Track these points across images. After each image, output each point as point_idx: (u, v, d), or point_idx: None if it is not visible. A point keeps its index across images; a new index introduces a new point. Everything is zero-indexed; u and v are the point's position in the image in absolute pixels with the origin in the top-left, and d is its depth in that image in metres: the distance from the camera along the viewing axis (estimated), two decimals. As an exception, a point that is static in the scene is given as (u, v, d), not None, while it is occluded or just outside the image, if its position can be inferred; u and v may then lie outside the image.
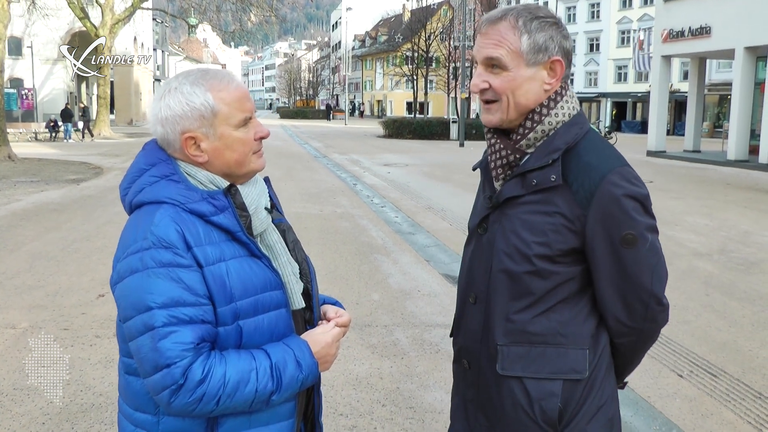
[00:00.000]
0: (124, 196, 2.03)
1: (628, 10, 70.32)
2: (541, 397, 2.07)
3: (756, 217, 14.30)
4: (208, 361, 1.83)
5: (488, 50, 2.08)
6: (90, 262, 9.30)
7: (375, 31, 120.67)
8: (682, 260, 9.91)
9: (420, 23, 66.40)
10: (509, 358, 2.11)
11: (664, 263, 2.13)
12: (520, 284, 2.09)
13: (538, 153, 2.08)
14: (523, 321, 2.10)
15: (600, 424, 2.13)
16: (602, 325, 2.15)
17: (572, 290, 2.11)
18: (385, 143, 40.20)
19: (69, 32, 51.90)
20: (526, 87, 2.07)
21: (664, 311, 2.14)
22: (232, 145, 2.00)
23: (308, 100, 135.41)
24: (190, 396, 1.80)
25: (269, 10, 44.21)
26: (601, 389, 2.13)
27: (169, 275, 1.84)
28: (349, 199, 16.02)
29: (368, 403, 5.09)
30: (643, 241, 2.04)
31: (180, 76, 2.04)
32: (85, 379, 5.39)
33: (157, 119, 2.00)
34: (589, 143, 2.09)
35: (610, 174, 2.00)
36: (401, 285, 8.38)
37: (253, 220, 2.04)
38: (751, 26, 26.35)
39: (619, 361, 2.25)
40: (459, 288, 2.36)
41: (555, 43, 2.09)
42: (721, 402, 5.22)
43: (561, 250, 2.05)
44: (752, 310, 7.57)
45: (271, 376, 1.90)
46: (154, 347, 1.80)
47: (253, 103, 2.09)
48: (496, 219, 2.15)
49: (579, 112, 2.16)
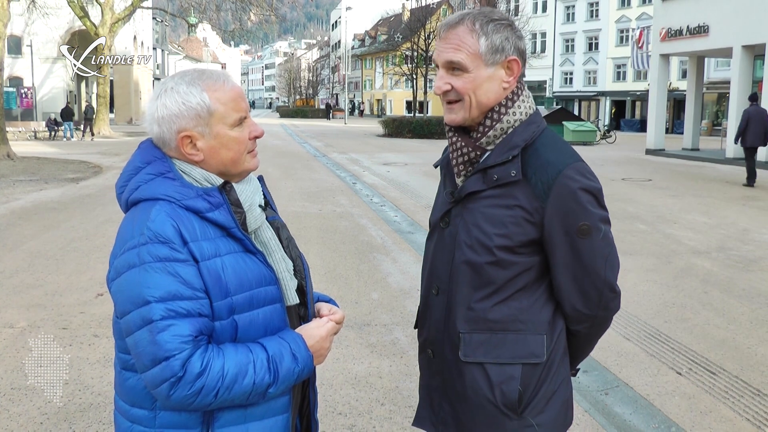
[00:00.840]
0: (120, 194, 2.05)
1: (626, 9, 70.36)
2: (501, 381, 2.18)
3: (754, 215, 14.30)
4: (206, 354, 1.85)
5: (449, 54, 2.19)
6: (89, 261, 9.30)
7: (374, 30, 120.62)
8: (680, 258, 9.90)
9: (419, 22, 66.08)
10: (471, 345, 2.22)
11: (616, 253, 2.25)
12: (481, 274, 2.20)
13: (498, 150, 2.20)
14: (483, 309, 2.21)
15: (556, 405, 2.26)
16: (558, 312, 2.27)
17: (530, 279, 2.22)
18: (385, 142, 40.20)
19: (69, 31, 51.90)
20: (487, 86, 2.18)
21: (616, 298, 2.28)
22: (227, 144, 2.03)
23: (308, 99, 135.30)
24: (189, 388, 1.82)
25: (269, 9, 44.20)
26: (557, 373, 2.26)
27: (166, 269, 1.86)
28: (348, 198, 16.02)
29: (367, 402, 5.09)
30: (597, 232, 2.16)
31: (176, 76, 2.07)
32: (84, 379, 5.39)
33: (153, 118, 2.02)
34: (546, 140, 2.21)
35: (567, 169, 2.12)
36: (401, 284, 8.38)
37: (247, 216, 2.07)
38: (748, 25, 26.39)
39: (573, 348, 2.38)
40: (422, 281, 2.47)
41: (510, 43, 2.19)
42: (720, 399, 5.22)
43: (521, 241, 2.16)
44: (750, 307, 7.57)
45: (269, 369, 1.92)
46: (152, 340, 1.82)
47: (247, 102, 2.13)
48: (458, 213, 2.26)
49: (536, 111, 2.29)
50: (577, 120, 44.26)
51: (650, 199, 16.27)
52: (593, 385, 5.42)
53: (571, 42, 77.78)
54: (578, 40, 76.55)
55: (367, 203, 15.23)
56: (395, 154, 30.40)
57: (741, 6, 26.72)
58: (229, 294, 1.95)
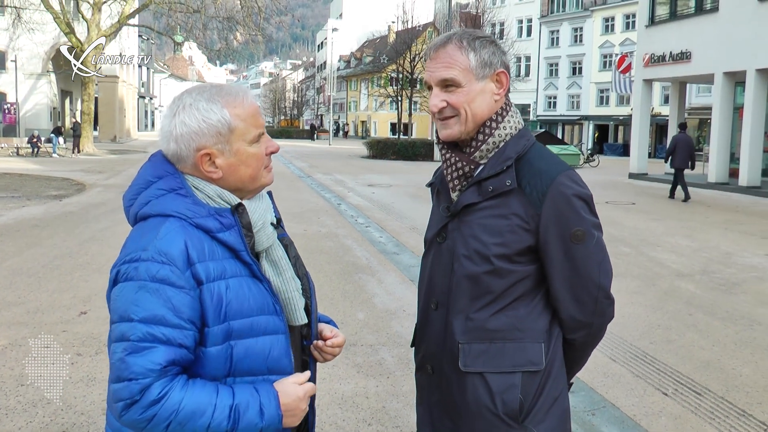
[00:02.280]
0: (129, 207, 2.02)
1: (610, 34, 71.06)
2: (502, 390, 2.20)
3: (736, 238, 14.39)
4: (169, 384, 1.82)
5: (441, 72, 2.26)
6: (72, 279, 9.23)
7: (360, 51, 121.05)
8: (664, 280, 9.96)
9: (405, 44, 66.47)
10: (471, 355, 2.24)
11: (609, 260, 2.30)
12: (479, 284, 2.24)
13: (492, 163, 2.26)
14: (482, 319, 2.24)
15: (556, 415, 2.28)
16: (555, 320, 2.31)
17: (528, 287, 2.26)
18: (369, 164, 40.22)
19: (54, 47, 51.69)
20: (480, 99, 2.26)
21: (611, 305, 2.32)
22: (246, 161, 2.03)
23: (292, 119, 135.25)
24: (140, 413, 1.79)
25: (255, 29, 44.27)
26: (556, 381, 2.29)
27: (158, 292, 1.83)
28: (333, 218, 15.99)
29: (354, 422, 5.07)
30: (591, 237, 2.22)
31: (193, 92, 2.04)
32: (66, 398, 5.31)
33: (170, 136, 1.99)
34: (537, 152, 2.30)
35: (560, 176, 2.20)
36: (386, 305, 8.37)
37: (259, 236, 2.06)
38: (730, 52, 26.65)
39: (568, 358, 2.40)
40: (419, 298, 2.49)
41: (497, 57, 2.29)
42: (706, 420, 5.24)
43: (517, 249, 2.20)
44: (734, 329, 7.61)
45: (228, 416, 1.85)
46: (122, 358, 1.81)
47: (263, 118, 2.11)
48: (455, 227, 2.30)
49: (525, 126, 2.36)
50: (561, 143, 44.55)
51: (634, 223, 16.34)
52: (580, 406, 5.42)
53: (555, 66, 78.37)
54: (562, 64, 77.14)
55: (352, 224, 15.20)
56: (380, 175, 30.42)
57: (723, 33, 26.99)
58: (228, 318, 1.92)
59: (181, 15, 43.10)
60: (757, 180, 26.22)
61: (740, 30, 25.96)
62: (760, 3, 25.15)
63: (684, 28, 29.91)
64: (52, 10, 39.94)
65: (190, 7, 43.43)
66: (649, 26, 32.52)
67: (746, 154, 26.16)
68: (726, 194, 24.96)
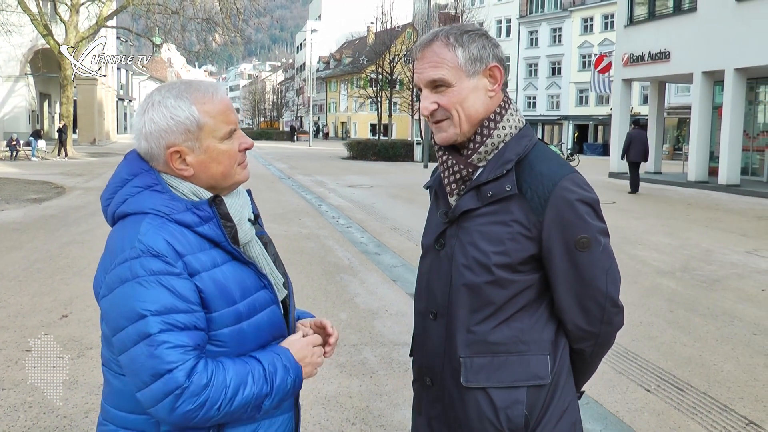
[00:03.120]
0: (106, 207, 2.01)
1: (589, 34, 71.42)
2: (506, 406, 2.09)
3: (717, 236, 14.48)
4: (209, 366, 1.82)
5: (429, 72, 2.14)
6: (53, 282, 9.16)
7: (339, 53, 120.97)
8: (646, 278, 10.01)
9: (384, 45, 66.58)
10: (472, 370, 2.13)
11: (617, 266, 2.19)
12: (480, 295, 2.13)
13: (491, 166, 2.14)
14: (484, 332, 2.14)
15: (565, 428, 2.17)
16: (561, 330, 2.20)
17: (531, 298, 2.15)
18: (350, 165, 40.17)
19: (32, 49, 51.28)
20: (473, 97, 2.14)
21: (619, 313, 2.20)
22: (217, 158, 2.00)
23: (272, 121, 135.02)
24: (194, 401, 1.77)
25: (234, 31, 44.12)
26: (563, 394, 2.17)
27: (160, 282, 1.82)
28: (314, 219, 15.97)
29: (338, 421, 5.06)
30: (597, 244, 2.10)
31: (162, 89, 2.03)
32: (48, 402, 5.27)
33: (141, 134, 1.98)
34: (538, 153, 2.15)
35: (563, 180, 2.06)
36: (369, 304, 8.36)
37: (238, 229, 2.04)
38: (708, 52, 26.81)
39: (577, 368, 2.30)
40: (417, 306, 2.36)
41: (488, 51, 2.16)
42: (689, 415, 5.26)
43: (519, 258, 2.09)
44: (716, 325, 7.66)
45: (265, 380, 1.90)
46: (151, 354, 1.77)
47: (236, 114, 2.09)
48: (453, 233, 2.19)
49: (526, 124, 2.23)
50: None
51: (615, 221, 16.38)
52: (563, 403, 5.42)
53: (534, 66, 78.71)
54: (541, 64, 77.48)
55: (333, 225, 15.19)
56: (360, 176, 30.40)
57: (701, 33, 27.16)
58: (236, 301, 1.93)
59: (159, 16, 42.81)
60: (737, 178, 26.42)
61: (719, 29, 26.14)
62: (738, 3, 25.32)
63: (663, 27, 30.08)
64: (29, 12, 39.59)
65: (169, 9, 43.20)
66: (628, 26, 32.67)
67: (725, 152, 26.33)
68: (706, 192, 25.11)
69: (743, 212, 19.16)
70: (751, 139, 29.16)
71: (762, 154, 29.14)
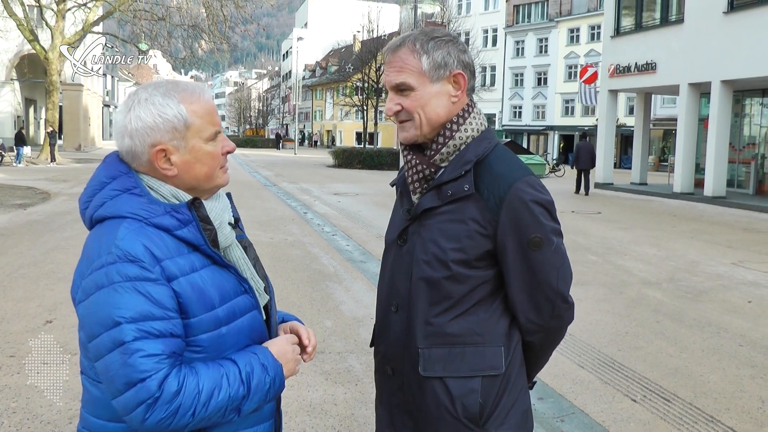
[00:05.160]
0: (84, 210, 1.98)
1: (575, 45, 71.74)
2: (462, 395, 2.20)
3: (702, 247, 14.52)
4: (181, 372, 1.79)
5: (393, 77, 2.25)
6: (37, 287, 9.08)
7: (325, 61, 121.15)
8: (631, 288, 10.01)
9: (370, 54, 66.53)
10: (430, 360, 2.23)
11: (569, 264, 2.29)
12: (438, 290, 2.23)
13: (452, 166, 2.23)
14: (441, 324, 2.23)
15: (516, 416, 2.28)
16: (514, 323, 2.30)
17: (486, 292, 2.25)
18: (335, 173, 40.16)
19: (18, 54, 51.11)
20: (435, 102, 2.23)
21: (569, 309, 2.31)
22: (202, 159, 1.98)
23: (258, 129, 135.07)
24: (166, 410, 1.75)
25: (220, 38, 44.06)
26: (515, 383, 2.29)
27: (136, 289, 1.79)
28: (299, 227, 15.92)
29: (323, 429, 5.03)
30: (549, 244, 2.20)
31: (149, 87, 2.00)
32: (32, 407, 5.22)
33: (125, 131, 1.94)
34: (497, 155, 2.26)
35: (518, 182, 2.16)
36: (354, 312, 8.32)
37: (218, 233, 2.02)
38: (694, 63, 26.98)
39: (529, 359, 2.40)
40: (379, 298, 2.47)
41: (453, 57, 2.24)
42: (675, 426, 5.24)
43: (475, 254, 2.19)
44: (701, 336, 7.66)
45: (241, 381, 1.88)
46: (125, 362, 1.74)
47: (219, 117, 2.07)
48: (415, 230, 2.29)
49: (487, 128, 2.33)
50: (527, 153, 44.74)
51: (600, 232, 16.44)
52: (549, 413, 5.41)
53: (520, 76, 78.97)
54: (527, 74, 77.74)
55: (319, 232, 15.15)
56: (345, 184, 30.38)
57: (688, 45, 27.32)
58: (215, 306, 1.91)
59: (145, 23, 42.71)
60: (723, 190, 26.56)
61: (705, 41, 26.31)
62: (724, 15, 25.50)
63: (649, 39, 30.26)
64: (15, 18, 39.43)
65: (155, 15, 43.12)
66: (615, 37, 32.85)
67: (711, 164, 26.47)
68: (691, 204, 25.22)
69: (729, 224, 19.25)
70: (737, 151, 29.36)
71: (748, 167, 29.32)
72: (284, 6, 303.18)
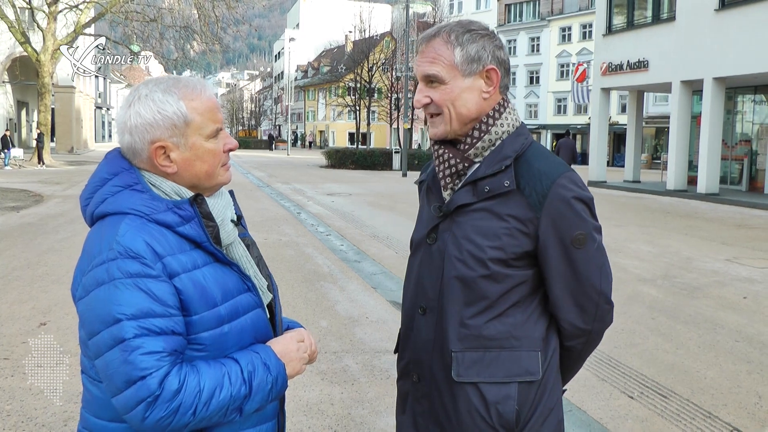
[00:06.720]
0: (85, 207, 1.95)
1: (567, 44, 71.85)
2: (497, 401, 2.10)
3: (696, 244, 14.55)
4: (182, 370, 1.77)
5: (425, 67, 2.15)
6: (31, 290, 9.04)
7: (318, 61, 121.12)
8: (627, 285, 10.01)
9: (362, 54, 66.72)
10: (464, 364, 2.13)
11: (609, 264, 2.22)
12: (473, 289, 2.13)
13: (488, 161, 2.15)
14: (477, 326, 2.13)
15: (552, 426, 2.19)
16: (552, 327, 2.21)
17: (524, 293, 2.15)
18: (328, 173, 40.15)
19: (9, 57, 50.91)
20: (465, 97, 2.14)
21: (611, 311, 2.23)
22: (202, 156, 1.96)
23: (250, 130, 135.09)
24: (166, 408, 1.72)
25: (212, 39, 43.98)
26: (552, 391, 2.19)
27: (137, 285, 1.76)
28: (293, 227, 15.90)
29: (320, 429, 5.01)
30: (592, 241, 2.13)
31: (149, 83, 1.97)
32: (27, 410, 5.19)
33: (125, 127, 1.92)
34: (535, 152, 2.17)
35: (560, 178, 2.08)
36: (349, 312, 8.31)
37: (221, 230, 1.99)
38: (686, 61, 27.03)
39: (564, 365, 2.31)
40: (405, 302, 2.36)
41: (488, 52, 2.15)
42: (672, 422, 5.24)
43: (515, 253, 2.10)
44: (697, 332, 7.66)
45: (243, 381, 1.85)
46: (125, 360, 1.72)
47: (222, 113, 2.05)
48: (446, 228, 2.19)
49: (522, 123, 2.24)
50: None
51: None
52: (547, 410, 5.39)
53: (512, 75, 78.97)
54: (519, 73, 77.80)
55: (313, 232, 15.13)
56: (339, 184, 30.37)
57: (680, 43, 27.38)
58: (217, 304, 1.88)
59: (137, 24, 42.62)
60: (716, 187, 26.62)
61: (697, 39, 26.37)
62: (716, 12, 25.56)
63: (641, 37, 30.31)
64: (6, 20, 39.29)
65: (147, 17, 43.01)
66: (607, 35, 32.90)
67: (704, 161, 26.55)
68: (684, 201, 25.27)
69: (722, 221, 19.30)
70: (729, 148, 29.46)
71: (740, 163, 29.43)
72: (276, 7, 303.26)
